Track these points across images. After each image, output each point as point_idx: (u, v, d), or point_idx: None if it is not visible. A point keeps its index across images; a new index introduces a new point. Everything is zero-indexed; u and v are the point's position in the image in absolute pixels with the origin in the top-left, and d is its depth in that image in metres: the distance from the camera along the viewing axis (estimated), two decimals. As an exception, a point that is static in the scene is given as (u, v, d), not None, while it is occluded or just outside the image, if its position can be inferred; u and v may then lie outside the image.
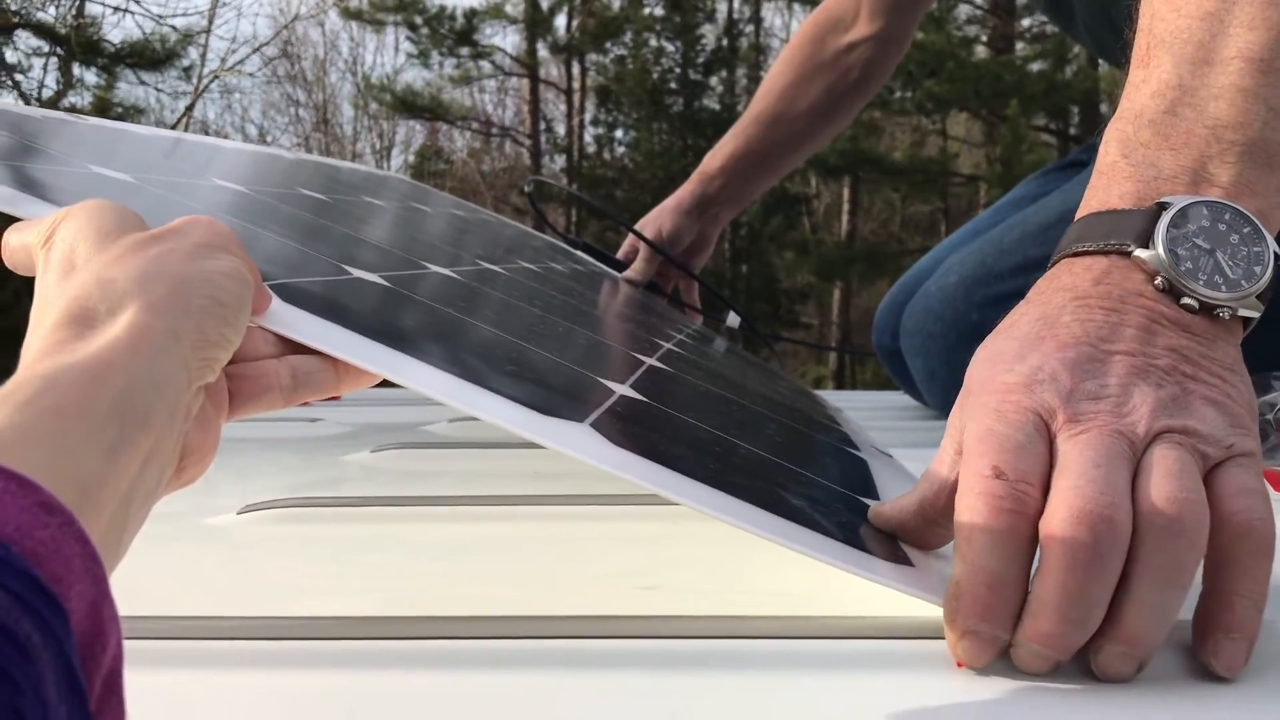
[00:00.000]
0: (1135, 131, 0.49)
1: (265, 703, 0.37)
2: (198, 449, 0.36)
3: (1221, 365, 0.43)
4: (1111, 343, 0.43)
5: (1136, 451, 0.40)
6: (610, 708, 0.36)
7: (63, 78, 8.40)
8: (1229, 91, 0.48)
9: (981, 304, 0.99)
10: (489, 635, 0.41)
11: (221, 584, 0.52)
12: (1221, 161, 0.47)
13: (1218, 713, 0.36)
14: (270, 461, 0.84)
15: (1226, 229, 0.45)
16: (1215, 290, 0.44)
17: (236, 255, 0.38)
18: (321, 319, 0.43)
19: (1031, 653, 0.38)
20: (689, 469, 0.44)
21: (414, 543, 0.59)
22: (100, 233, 0.36)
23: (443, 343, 0.50)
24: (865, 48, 1.35)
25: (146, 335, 0.31)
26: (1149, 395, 0.41)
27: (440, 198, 1.40)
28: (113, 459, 0.28)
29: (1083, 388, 0.41)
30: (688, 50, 12.61)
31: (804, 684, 0.38)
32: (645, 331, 0.88)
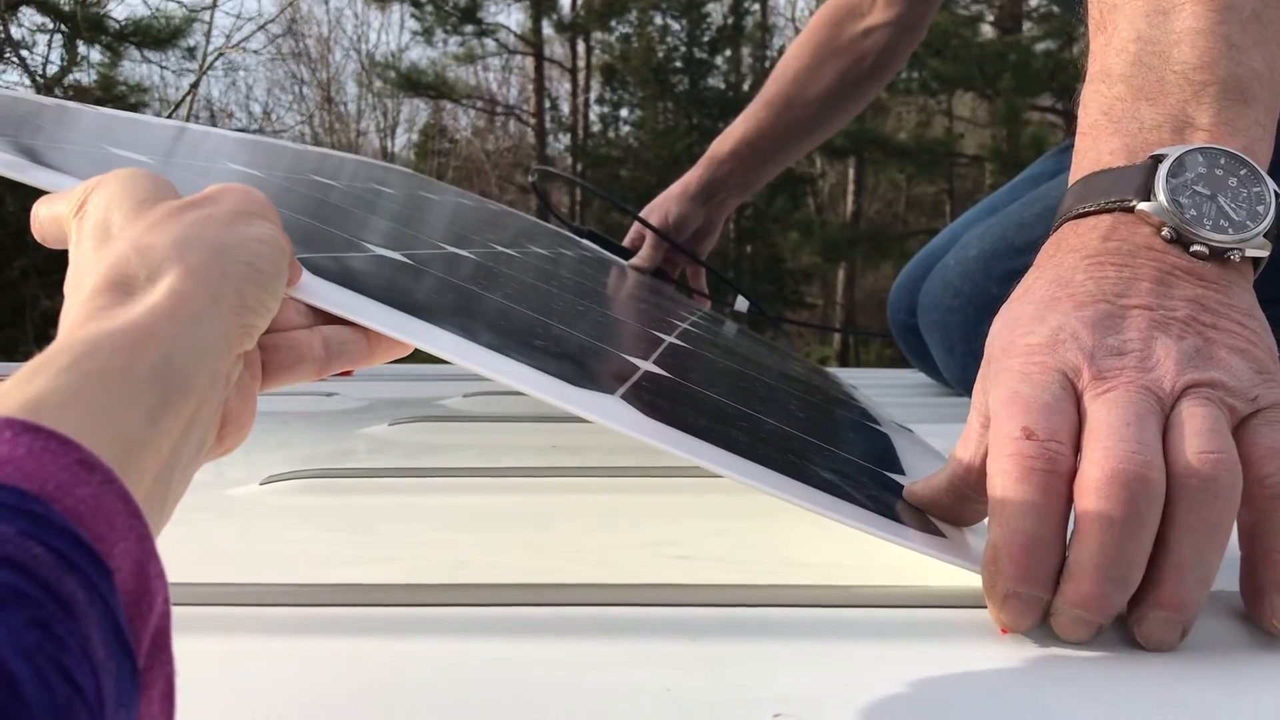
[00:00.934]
0: (1108, 88, 0.50)
1: (287, 666, 0.36)
2: (237, 417, 0.36)
3: (1239, 310, 0.43)
4: (1128, 297, 0.42)
5: (1165, 407, 0.39)
6: (655, 675, 0.36)
7: (67, 55, 8.37)
8: (1189, 35, 0.48)
9: (1001, 278, 0.99)
10: (515, 602, 0.41)
11: (245, 552, 0.52)
12: (1198, 104, 0.47)
13: (1264, 679, 0.36)
14: (288, 435, 0.84)
15: (1224, 173, 0.45)
16: (1222, 234, 0.44)
17: (272, 222, 0.37)
18: (351, 291, 0.43)
19: (1072, 618, 0.37)
20: (721, 441, 0.43)
21: (434, 513, 0.59)
22: (136, 200, 0.35)
23: (467, 316, 0.49)
24: (881, 34, 1.34)
25: (187, 301, 0.31)
26: (1171, 348, 0.41)
27: (446, 188, 1.40)
28: (155, 422, 0.28)
29: (1105, 344, 0.41)
30: (693, 29, 12.56)
31: (844, 651, 0.37)
32: (660, 313, 0.88)
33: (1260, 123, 0.47)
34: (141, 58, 8.95)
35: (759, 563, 0.49)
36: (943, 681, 0.35)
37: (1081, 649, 0.38)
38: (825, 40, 1.34)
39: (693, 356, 0.68)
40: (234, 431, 0.36)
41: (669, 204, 1.33)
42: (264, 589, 0.42)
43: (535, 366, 0.44)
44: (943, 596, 0.42)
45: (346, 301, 0.42)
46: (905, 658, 0.37)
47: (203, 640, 0.38)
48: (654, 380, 0.53)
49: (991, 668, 0.36)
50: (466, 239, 0.82)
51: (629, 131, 13.04)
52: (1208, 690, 0.35)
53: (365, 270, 0.50)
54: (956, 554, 0.41)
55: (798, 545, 0.51)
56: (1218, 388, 0.40)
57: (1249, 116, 0.47)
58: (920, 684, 0.35)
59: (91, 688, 0.20)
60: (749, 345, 0.98)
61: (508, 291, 0.62)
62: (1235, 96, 0.47)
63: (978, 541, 0.45)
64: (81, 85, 8.57)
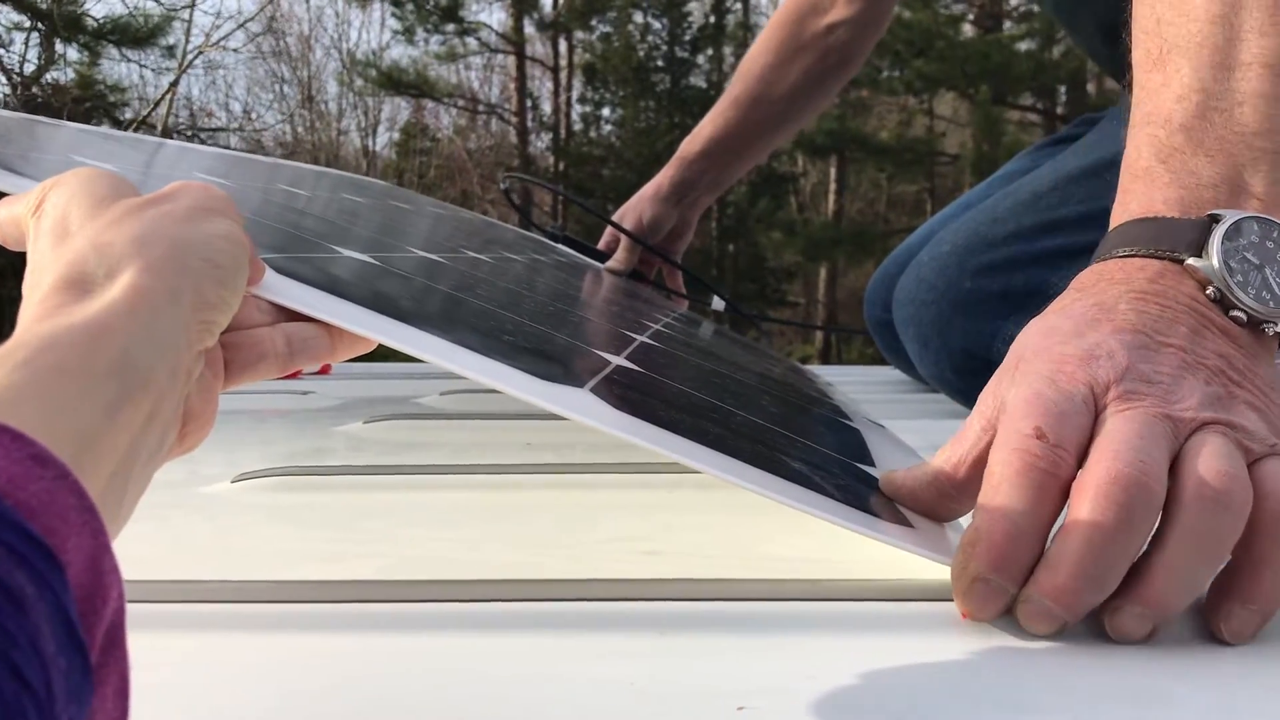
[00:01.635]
0: (1168, 136, 0.50)
1: (256, 663, 0.36)
2: (199, 414, 0.36)
3: (1262, 379, 0.43)
4: (1165, 335, 0.43)
5: (1180, 437, 0.40)
6: (621, 669, 0.36)
7: (44, 53, 8.32)
8: (1253, 98, 0.48)
9: (975, 272, 0.99)
10: (486, 598, 0.41)
11: (215, 550, 0.52)
12: (1255, 170, 0.48)
13: (1229, 671, 0.36)
14: (263, 433, 0.84)
15: (1274, 246, 0.46)
16: (1263, 305, 0.45)
17: (232, 219, 0.37)
18: (314, 288, 0.43)
19: (1040, 608, 0.37)
20: (691, 434, 0.43)
21: (408, 510, 0.59)
22: (94, 198, 0.35)
23: (433, 313, 0.49)
24: (844, 30, 1.35)
25: (145, 296, 0.31)
26: (1197, 389, 0.41)
27: (418, 198, 1.40)
28: (112, 416, 0.28)
29: (1137, 368, 0.41)
30: (674, 27, 12.57)
31: (809, 644, 0.37)
32: (633, 314, 0.88)
33: None
34: (121, 56, 8.90)
35: (728, 557, 0.49)
36: (908, 674, 0.35)
37: (1048, 640, 0.38)
38: (788, 38, 1.35)
39: (665, 354, 0.68)
40: (196, 429, 0.36)
41: (642, 206, 1.34)
42: (232, 585, 0.42)
43: (502, 361, 0.44)
44: (911, 590, 0.42)
45: (309, 298, 0.41)
46: (871, 650, 0.37)
47: (169, 637, 0.38)
48: (625, 374, 0.53)
49: (957, 660, 0.37)
50: (436, 244, 0.82)
51: (611, 130, 13.04)
52: (1174, 681, 0.35)
53: (332, 270, 0.50)
54: (927, 546, 0.42)
55: (768, 539, 0.51)
56: (1236, 429, 0.40)
57: None
58: (885, 676, 0.35)
59: (41, 684, 0.20)
60: (724, 344, 0.99)
61: (476, 292, 0.62)
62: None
63: (949, 535, 0.45)
64: (59, 84, 8.52)
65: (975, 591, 0.38)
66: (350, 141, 15.41)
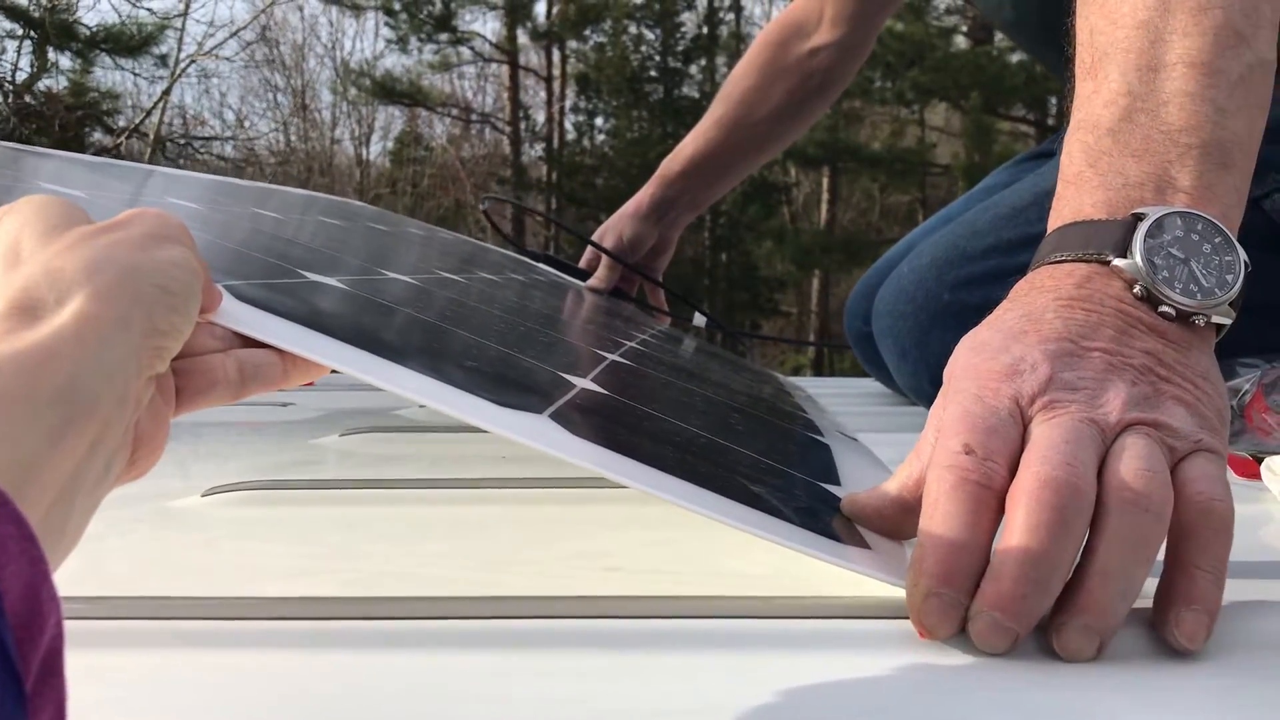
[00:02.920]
0: (1096, 140, 0.51)
1: (223, 681, 0.36)
2: (149, 439, 0.36)
3: (1194, 371, 0.44)
4: (1090, 340, 0.44)
5: (1106, 440, 0.40)
6: (573, 687, 0.36)
7: (37, 61, 8.31)
8: (1178, 96, 0.50)
9: (954, 285, 1.00)
10: (451, 615, 0.41)
11: (182, 566, 0.52)
12: (1181, 166, 0.49)
13: (1178, 689, 0.36)
14: (238, 445, 0.84)
15: (1199, 239, 0.47)
16: (1190, 298, 0.46)
17: (186, 246, 0.37)
18: (268, 314, 0.43)
19: (989, 622, 0.37)
20: (647, 457, 0.44)
21: (379, 525, 0.59)
22: (46, 225, 0.35)
23: (397, 337, 0.49)
24: (827, 54, 1.36)
25: (94, 323, 0.31)
26: (1122, 390, 0.42)
27: (399, 219, 1.40)
28: (56, 443, 0.28)
29: (1060, 377, 0.42)
30: (667, 38, 12.59)
31: (766, 662, 0.38)
32: (608, 332, 0.88)
33: (1237, 188, 0.49)
34: (113, 65, 8.90)
35: (690, 574, 0.49)
36: (864, 691, 0.36)
37: (1000, 660, 0.38)
38: (771, 60, 1.36)
39: (634, 373, 0.68)
40: (146, 454, 0.36)
41: (622, 224, 1.35)
42: (197, 603, 0.42)
43: (460, 386, 0.44)
44: (869, 607, 0.42)
45: (262, 323, 0.42)
46: (828, 668, 0.37)
47: (136, 654, 0.38)
48: (590, 397, 0.53)
49: (913, 678, 0.37)
50: (410, 266, 0.82)
51: (604, 140, 13.05)
52: (1120, 700, 0.35)
53: (294, 295, 0.50)
54: (880, 568, 0.42)
55: (733, 556, 0.51)
56: (1160, 428, 0.41)
57: (1228, 182, 0.49)
58: (842, 694, 0.35)
59: None
60: (701, 360, 0.99)
61: (446, 315, 0.62)
62: (1217, 161, 0.49)
63: (906, 550, 0.46)
64: (52, 92, 8.51)
65: (929, 608, 0.38)
66: (344, 150, 15.42)
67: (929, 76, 10.04)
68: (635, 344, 0.80)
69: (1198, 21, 0.51)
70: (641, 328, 1.03)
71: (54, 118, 7.67)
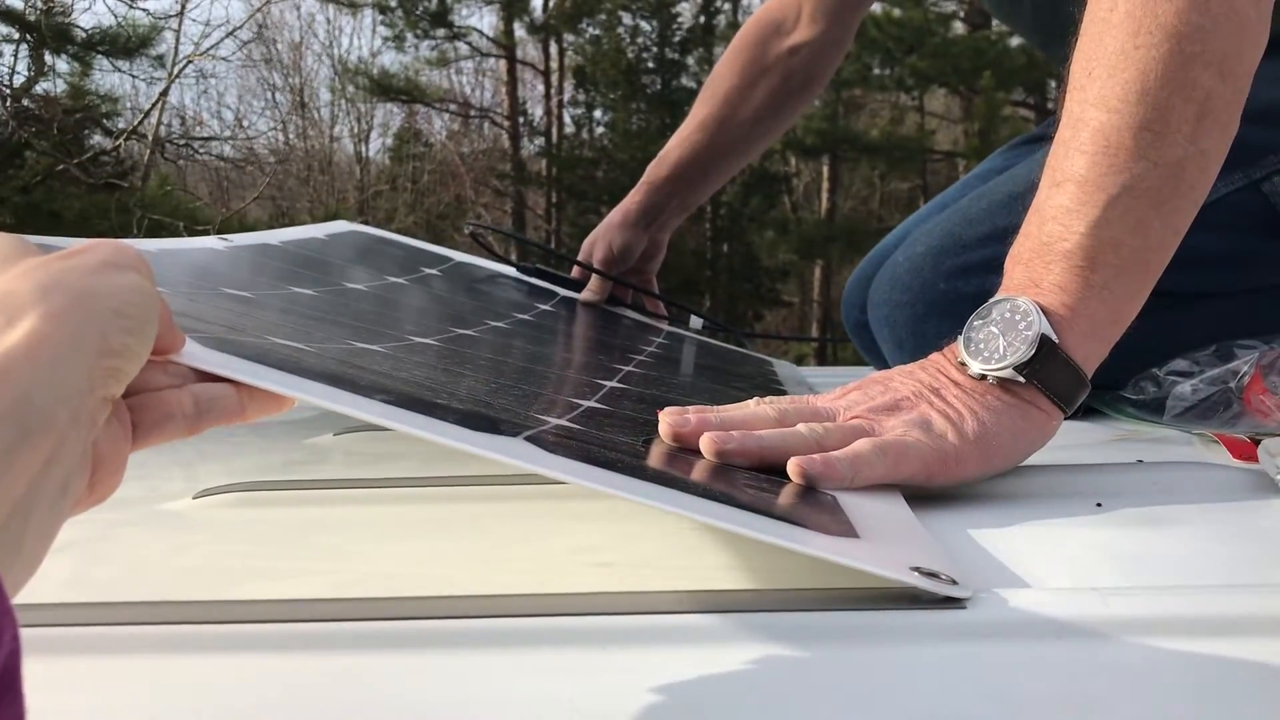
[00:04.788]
0: (1014, 249, 0.65)
1: (216, 686, 0.36)
2: (108, 463, 0.36)
3: (964, 403, 0.60)
4: (898, 386, 0.62)
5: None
6: (565, 685, 0.36)
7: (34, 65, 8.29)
8: (1059, 211, 0.62)
9: (949, 274, 0.99)
10: (445, 615, 0.40)
11: (174, 569, 0.52)
12: (1046, 269, 0.62)
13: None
14: (231, 445, 0.84)
15: (1017, 318, 0.61)
16: (976, 361, 0.61)
17: (143, 274, 0.37)
18: (228, 355, 0.43)
19: None
20: (626, 470, 0.44)
21: (371, 525, 0.59)
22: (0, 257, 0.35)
23: (367, 380, 0.49)
24: (808, 50, 1.36)
25: (45, 342, 0.31)
26: (868, 407, 0.61)
27: (386, 241, 1.34)
28: (9, 459, 0.28)
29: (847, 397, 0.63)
30: (664, 29, 12.56)
31: (753, 656, 0.37)
32: (587, 373, 0.86)
33: (1103, 283, 0.61)
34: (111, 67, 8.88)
35: (680, 568, 0.49)
36: (855, 682, 0.35)
37: (1031, 653, 0.38)
38: (752, 60, 1.36)
39: (611, 415, 0.67)
40: (105, 478, 0.36)
41: (611, 234, 1.34)
42: (187, 608, 0.42)
43: (434, 415, 0.44)
44: (846, 598, 0.41)
45: (220, 360, 0.42)
46: (805, 661, 0.37)
47: (126, 661, 0.38)
48: (562, 429, 0.53)
49: (888, 669, 0.36)
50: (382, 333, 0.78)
51: (603, 133, 13.03)
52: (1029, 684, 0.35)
53: (255, 349, 0.49)
54: (875, 560, 0.41)
55: (721, 549, 0.51)
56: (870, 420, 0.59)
57: (1088, 280, 0.61)
58: (834, 685, 0.35)
59: None
60: (690, 380, 0.98)
61: (429, 363, 0.62)
62: (1076, 263, 0.61)
63: (893, 544, 0.45)
64: (50, 95, 8.50)
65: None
66: (343, 148, 15.41)
67: (927, 62, 10.00)
68: (617, 381, 0.78)
69: (1094, 140, 0.62)
70: (631, 353, 1.01)
71: (52, 121, 7.66)
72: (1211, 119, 0.62)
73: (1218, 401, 0.85)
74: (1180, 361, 0.90)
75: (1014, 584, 0.44)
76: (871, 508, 0.51)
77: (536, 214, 13.12)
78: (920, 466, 0.56)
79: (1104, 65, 0.63)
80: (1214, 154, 0.63)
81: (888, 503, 0.53)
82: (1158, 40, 0.61)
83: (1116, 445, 0.81)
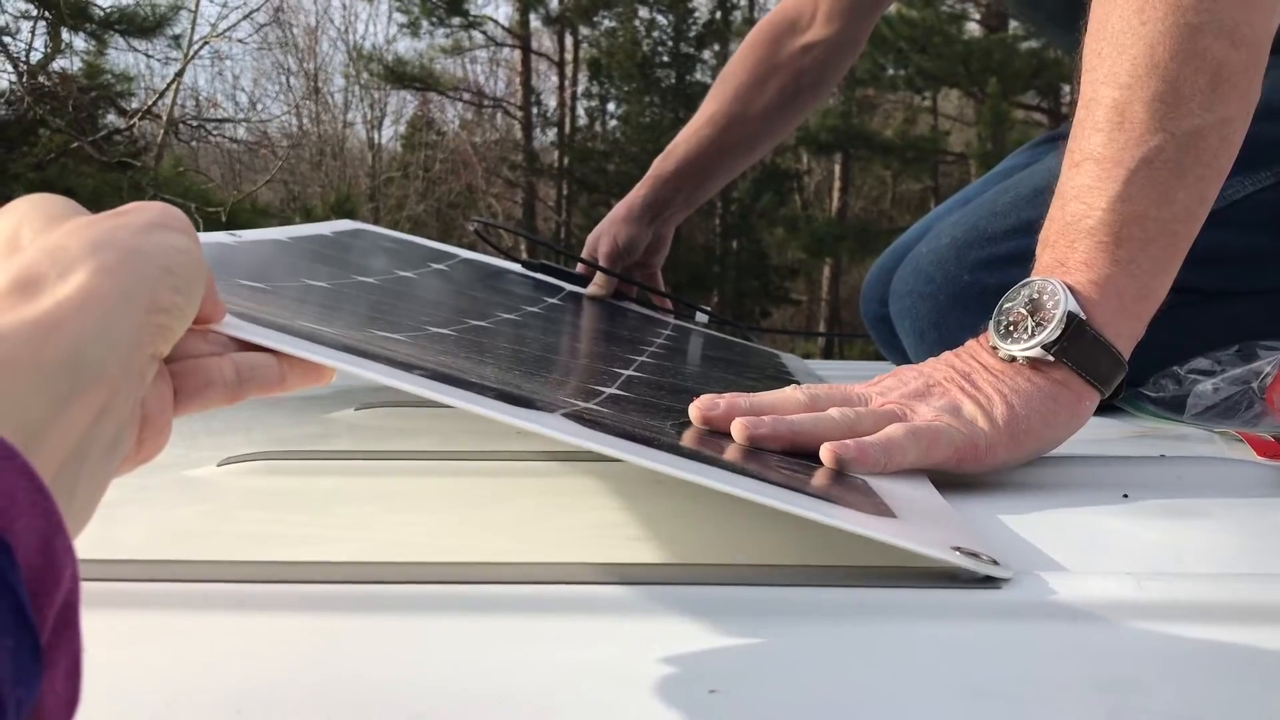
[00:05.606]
0: (1041, 234, 0.65)
1: (237, 643, 0.36)
2: (155, 421, 0.36)
3: (995, 385, 0.60)
4: (932, 373, 0.63)
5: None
6: (586, 651, 0.36)
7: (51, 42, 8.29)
8: (1080, 190, 0.62)
9: (974, 266, 0.99)
10: (469, 580, 0.40)
11: (198, 532, 0.52)
12: (1071, 248, 0.62)
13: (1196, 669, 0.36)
14: (254, 418, 0.84)
15: (1046, 299, 0.61)
16: (1003, 342, 0.61)
17: (190, 237, 0.37)
18: (271, 329, 0.43)
19: None
20: (660, 445, 0.44)
21: (395, 495, 0.59)
22: (47, 217, 0.35)
23: (401, 359, 0.50)
24: (821, 50, 1.35)
25: (98, 295, 0.31)
26: (909, 394, 0.61)
27: (386, 236, 1.35)
28: (63, 409, 0.28)
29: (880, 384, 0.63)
30: (679, 22, 12.54)
31: (782, 630, 0.37)
32: (603, 362, 0.86)
33: (1130, 258, 0.61)
34: (127, 46, 8.89)
35: (707, 544, 0.49)
36: (881, 660, 0.35)
37: (1018, 631, 0.38)
38: (764, 57, 1.35)
39: (630, 401, 0.67)
40: (153, 436, 0.36)
41: (616, 228, 1.34)
42: (210, 566, 0.42)
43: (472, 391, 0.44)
44: (885, 576, 0.41)
45: (261, 330, 0.42)
46: (844, 636, 0.37)
47: (149, 616, 0.38)
48: (592, 412, 0.53)
49: (932, 646, 0.36)
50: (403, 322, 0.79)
51: (615, 125, 13.02)
52: (1142, 670, 0.35)
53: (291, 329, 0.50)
54: (909, 536, 0.41)
55: (747, 528, 0.50)
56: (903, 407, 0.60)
57: (1105, 256, 0.61)
58: (858, 662, 0.35)
59: None
60: (702, 370, 0.98)
61: (438, 359, 0.62)
62: (1100, 239, 0.61)
63: (922, 527, 0.45)
64: (66, 73, 8.51)
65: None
66: (356, 134, 15.41)
67: (939, 63, 9.97)
68: (633, 370, 0.78)
69: (1109, 117, 0.62)
70: (641, 345, 1.01)
71: (68, 99, 7.66)
72: (1227, 85, 0.62)
73: (1239, 401, 0.85)
74: (1202, 360, 0.89)
75: (1049, 568, 0.43)
76: (904, 491, 0.51)
77: (547, 205, 13.12)
78: (951, 452, 0.57)
79: (1112, 43, 0.63)
80: (1236, 120, 0.63)
81: (918, 487, 0.53)
82: (1162, 14, 0.62)
83: (1138, 441, 0.81)
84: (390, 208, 13.88)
